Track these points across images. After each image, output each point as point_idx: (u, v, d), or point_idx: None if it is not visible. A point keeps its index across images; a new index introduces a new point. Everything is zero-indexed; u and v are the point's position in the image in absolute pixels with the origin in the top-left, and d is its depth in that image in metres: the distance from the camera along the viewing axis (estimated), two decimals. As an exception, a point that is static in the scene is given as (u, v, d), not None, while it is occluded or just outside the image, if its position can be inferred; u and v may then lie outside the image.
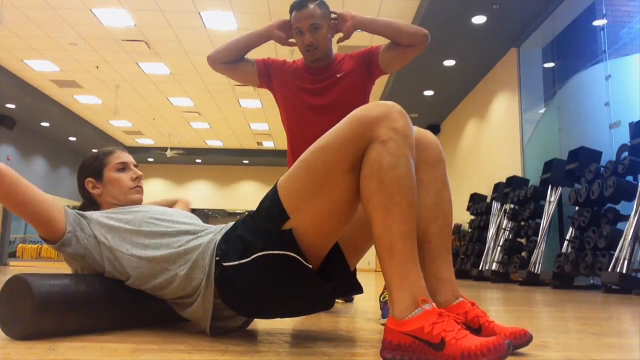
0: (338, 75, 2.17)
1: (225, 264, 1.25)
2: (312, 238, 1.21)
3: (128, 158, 1.62)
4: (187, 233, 1.41)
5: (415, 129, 1.28)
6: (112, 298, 1.42)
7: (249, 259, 1.21)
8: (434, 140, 1.38)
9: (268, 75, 2.28)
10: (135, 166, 1.64)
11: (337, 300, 2.79)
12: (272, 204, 1.23)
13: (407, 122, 1.17)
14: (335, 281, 1.30)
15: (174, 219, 1.47)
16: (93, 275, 1.46)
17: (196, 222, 1.51)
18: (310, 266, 1.19)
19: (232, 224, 1.38)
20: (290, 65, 2.29)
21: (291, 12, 2.15)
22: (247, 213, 1.37)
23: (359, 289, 1.41)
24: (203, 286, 1.30)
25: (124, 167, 1.59)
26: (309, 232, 1.20)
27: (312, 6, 2.11)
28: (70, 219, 1.40)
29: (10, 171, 1.31)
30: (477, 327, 1.23)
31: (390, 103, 1.19)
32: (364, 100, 2.20)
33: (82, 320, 1.34)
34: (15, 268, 9.59)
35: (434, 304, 1.08)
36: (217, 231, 1.39)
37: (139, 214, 1.47)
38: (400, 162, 1.12)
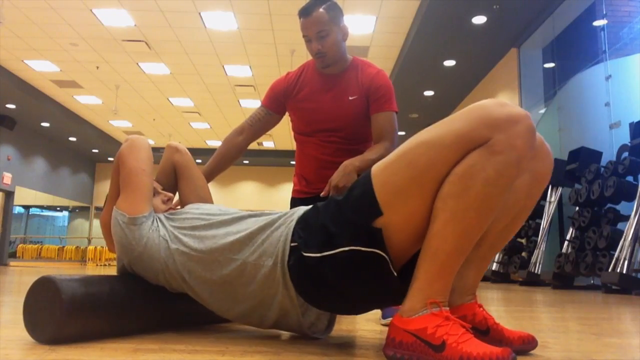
0: (350, 98, 2.06)
1: (305, 254, 1.17)
2: (403, 238, 1.12)
3: (155, 183, 1.60)
4: (243, 218, 1.36)
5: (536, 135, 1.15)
6: (141, 300, 1.39)
7: (333, 252, 1.13)
8: (549, 155, 1.25)
9: (281, 104, 2.18)
10: (163, 189, 1.63)
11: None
12: (362, 195, 1.12)
13: (531, 141, 1.03)
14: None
15: (226, 209, 1.44)
16: (120, 277, 1.44)
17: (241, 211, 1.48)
18: (395, 272, 1.11)
19: (302, 209, 1.30)
20: (295, 76, 2.17)
21: (299, 18, 2.04)
22: None
23: None
24: (279, 274, 1.22)
25: (153, 193, 1.57)
26: (400, 232, 1.10)
27: (320, 11, 1.98)
28: (151, 211, 1.45)
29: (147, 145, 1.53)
30: (484, 329, 1.23)
31: (521, 110, 1.04)
32: (366, 122, 2.09)
33: (110, 323, 1.30)
34: (16, 268, 9.59)
35: (443, 308, 1.06)
36: (280, 214, 1.32)
37: (190, 212, 1.46)
38: (500, 182, 1.01)
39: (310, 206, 1.29)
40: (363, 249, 1.10)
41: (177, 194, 1.77)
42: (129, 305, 1.36)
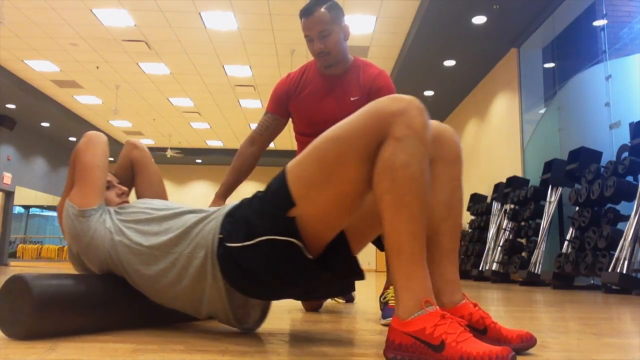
0: (352, 99, 2.06)
1: (228, 244, 1.25)
2: (316, 226, 1.21)
3: (110, 176, 1.66)
4: (183, 213, 1.42)
5: (435, 123, 1.27)
6: (113, 297, 1.42)
7: (252, 242, 1.21)
8: (453, 136, 1.35)
9: (285, 107, 2.19)
10: (119, 183, 1.69)
11: (338, 300, 2.79)
12: (278, 188, 1.22)
13: (424, 119, 1.14)
14: (336, 268, 1.29)
15: (170, 205, 1.50)
16: (93, 275, 1.48)
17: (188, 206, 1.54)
18: (310, 256, 1.19)
19: (232, 205, 1.37)
20: (297, 76, 2.17)
21: (300, 18, 2.04)
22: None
23: (360, 275, 1.34)
24: (209, 265, 1.29)
25: (108, 186, 1.63)
26: (313, 221, 1.19)
27: (321, 11, 1.99)
28: (100, 205, 1.51)
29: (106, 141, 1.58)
30: (482, 328, 1.23)
31: (408, 97, 1.15)
32: None
33: (82, 319, 1.33)
34: (16, 268, 9.59)
35: (437, 306, 1.08)
36: (214, 210, 1.38)
37: (136, 206, 1.52)
38: (414, 161, 1.10)
39: (238, 201, 1.37)
40: (279, 237, 1.19)
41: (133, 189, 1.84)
42: (104, 302, 1.39)
